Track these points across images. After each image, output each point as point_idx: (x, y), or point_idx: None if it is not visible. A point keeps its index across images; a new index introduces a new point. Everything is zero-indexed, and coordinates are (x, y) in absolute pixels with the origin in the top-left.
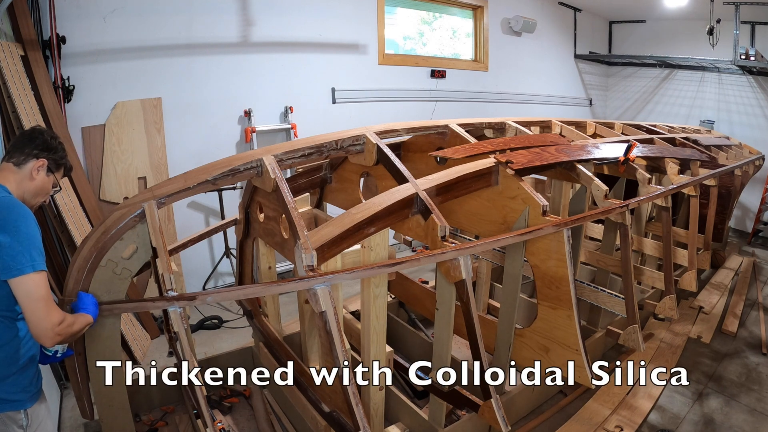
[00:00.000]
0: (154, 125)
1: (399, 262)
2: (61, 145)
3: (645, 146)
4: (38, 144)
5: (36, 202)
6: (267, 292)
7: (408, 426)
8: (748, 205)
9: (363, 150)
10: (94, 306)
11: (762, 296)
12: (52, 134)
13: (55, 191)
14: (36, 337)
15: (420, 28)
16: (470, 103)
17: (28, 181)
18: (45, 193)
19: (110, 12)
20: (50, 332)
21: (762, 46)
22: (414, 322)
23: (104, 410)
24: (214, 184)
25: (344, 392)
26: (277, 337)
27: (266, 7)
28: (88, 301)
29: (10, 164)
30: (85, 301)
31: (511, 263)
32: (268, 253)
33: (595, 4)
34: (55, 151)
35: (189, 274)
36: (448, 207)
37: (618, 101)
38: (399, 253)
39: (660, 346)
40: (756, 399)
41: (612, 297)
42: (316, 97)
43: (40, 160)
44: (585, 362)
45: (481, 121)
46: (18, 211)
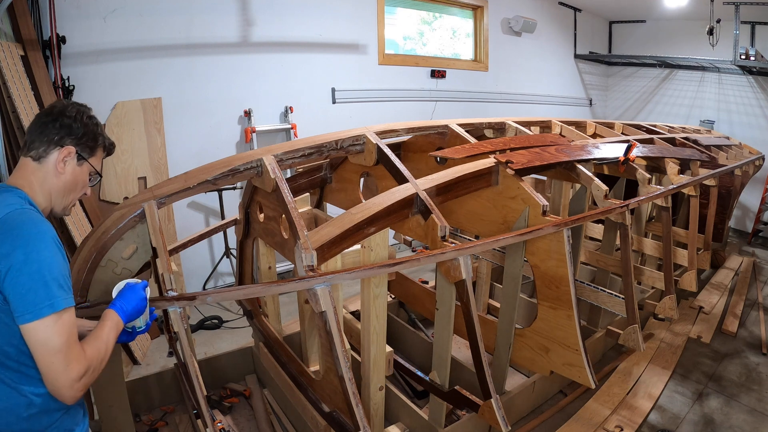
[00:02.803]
0: (154, 125)
1: (399, 262)
2: (91, 120)
3: (645, 146)
4: (59, 127)
5: (69, 202)
6: (267, 292)
7: (408, 426)
8: (748, 205)
9: (363, 150)
10: (136, 303)
11: (762, 296)
12: (79, 107)
13: (94, 182)
14: (52, 393)
15: (420, 28)
16: (470, 103)
17: (53, 179)
18: (81, 188)
19: (110, 12)
20: (69, 391)
21: (762, 46)
22: (414, 322)
23: (104, 410)
24: (214, 184)
25: (344, 392)
26: (277, 337)
27: (266, 7)
28: (128, 298)
29: (28, 159)
30: (123, 300)
31: (511, 263)
32: (268, 253)
33: (595, 4)
34: (82, 131)
35: (189, 274)
36: (448, 207)
37: (618, 101)
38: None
39: (660, 346)
40: (756, 399)
41: (612, 297)
42: (316, 97)
43: (65, 148)
44: (585, 362)
45: (481, 121)
46: (30, 230)
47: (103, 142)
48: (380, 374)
